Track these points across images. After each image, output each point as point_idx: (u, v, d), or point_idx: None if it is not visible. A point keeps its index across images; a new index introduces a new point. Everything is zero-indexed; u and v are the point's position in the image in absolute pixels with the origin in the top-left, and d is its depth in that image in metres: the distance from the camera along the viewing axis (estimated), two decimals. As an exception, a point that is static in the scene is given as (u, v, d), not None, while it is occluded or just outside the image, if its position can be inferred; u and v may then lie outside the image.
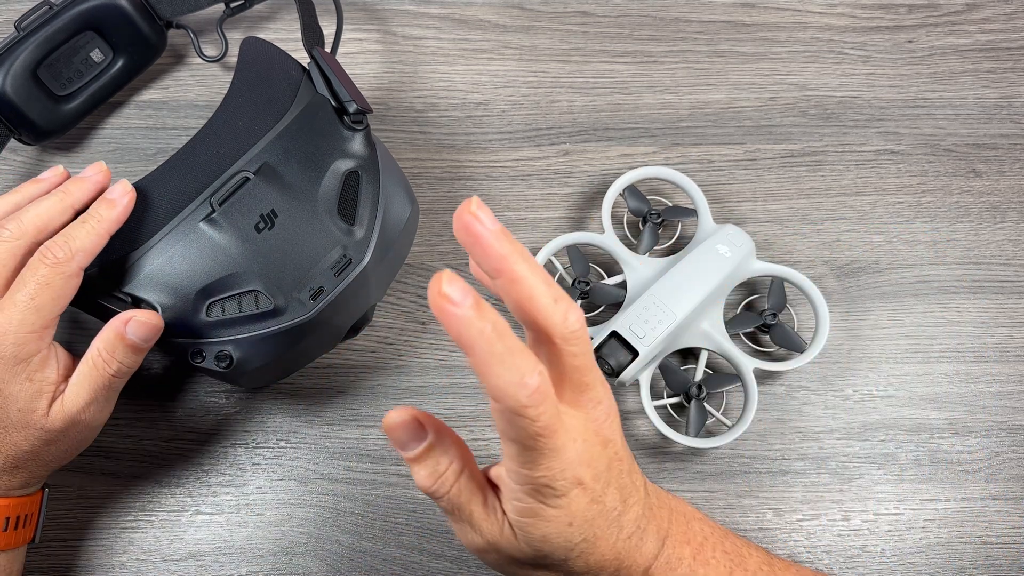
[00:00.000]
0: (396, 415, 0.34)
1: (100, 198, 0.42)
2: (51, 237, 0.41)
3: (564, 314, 0.31)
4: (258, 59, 0.47)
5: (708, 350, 0.52)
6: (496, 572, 0.38)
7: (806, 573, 0.43)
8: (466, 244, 0.30)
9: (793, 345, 0.52)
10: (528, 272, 0.30)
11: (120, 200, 0.41)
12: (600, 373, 0.35)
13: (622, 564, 0.37)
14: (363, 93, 0.58)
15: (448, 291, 0.27)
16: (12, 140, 0.54)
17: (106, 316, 0.44)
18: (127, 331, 0.41)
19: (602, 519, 0.35)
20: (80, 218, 0.41)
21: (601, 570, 0.37)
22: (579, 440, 0.33)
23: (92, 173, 0.43)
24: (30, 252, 0.41)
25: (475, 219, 0.30)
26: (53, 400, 0.41)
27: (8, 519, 0.42)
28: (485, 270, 0.31)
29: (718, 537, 0.41)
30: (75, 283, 0.41)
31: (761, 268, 0.53)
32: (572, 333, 0.31)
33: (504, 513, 0.35)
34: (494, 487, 0.36)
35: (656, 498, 0.40)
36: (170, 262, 0.42)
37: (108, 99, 0.58)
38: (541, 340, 0.32)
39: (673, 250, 0.56)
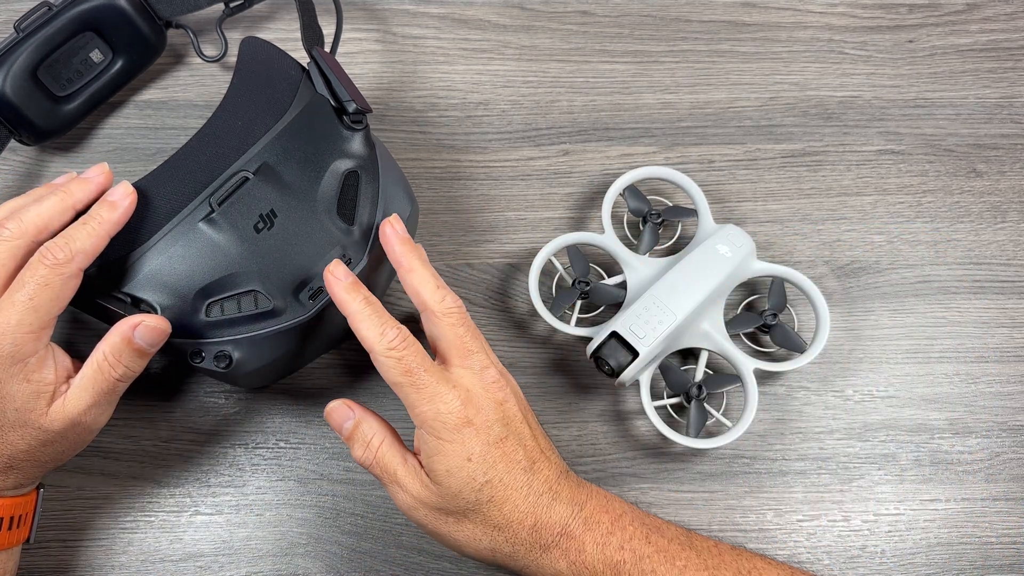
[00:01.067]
0: (333, 403, 0.45)
1: (101, 199, 0.41)
2: (51, 237, 0.41)
3: (442, 296, 0.43)
4: (258, 59, 0.47)
5: (708, 350, 0.52)
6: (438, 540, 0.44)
7: (725, 548, 0.44)
8: (384, 246, 0.44)
9: (793, 345, 0.52)
10: (420, 267, 0.43)
11: (121, 202, 0.41)
12: (486, 349, 0.43)
13: (538, 520, 0.42)
14: (363, 93, 0.58)
15: (335, 270, 0.42)
16: (12, 141, 0.54)
17: (105, 315, 0.44)
18: (135, 336, 0.42)
19: (504, 464, 0.41)
20: (81, 219, 0.41)
21: (519, 525, 0.42)
22: (463, 388, 0.41)
23: (94, 174, 0.43)
24: (30, 252, 0.41)
25: (391, 228, 0.44)
26: (52, 400, 0.41)
27: (1, 519, 0.42)
28: (393, 263, 0.44)
29: (637, 513, 0.44)
30: (74, 284, 0.40)
31: (761, 268, 0.53)
32: (448, 309, 0.42)
33: (421, 467, 0.42)
34: (415, 456, 0.43)
35: (578, 481, 0.44)
36: (169, 262, 0.42)
37: (108, 99, 0.58)
38: (427, 318, 0.43)
39: (673, 250, 0.56)
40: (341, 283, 0.42)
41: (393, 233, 0.43)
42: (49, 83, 0.54)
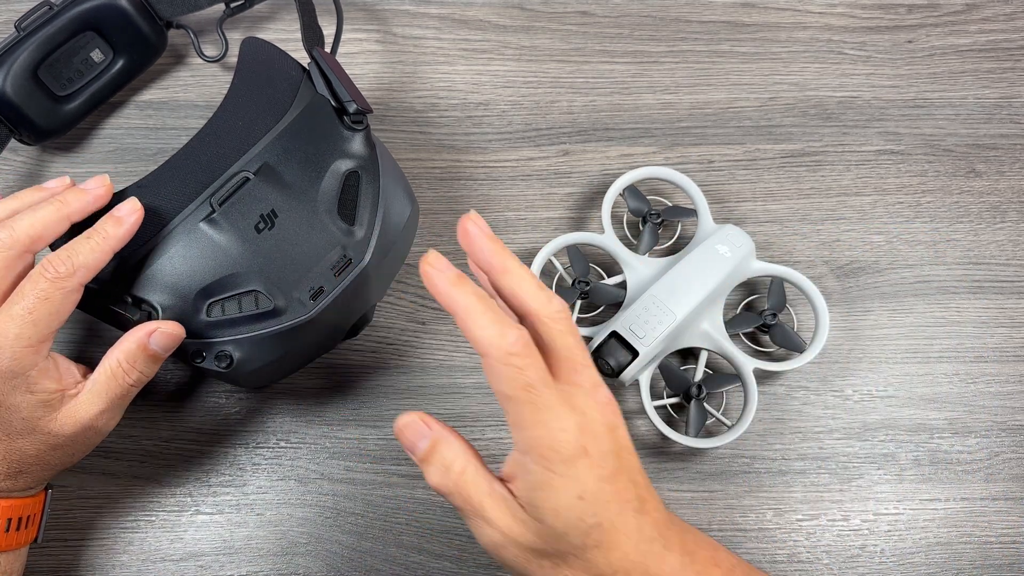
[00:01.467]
0: (404, 418, 0.38)
1: (108, 214, 0.41)
2: (45, 247, 0.41)
3: (548, 298, 0.36)
4: (258, 59, 0.47)
5: (708, 350, 0.52)
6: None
7: None
8: (466, 246, 0.37)
9: (793, 345, 0.52)
10: (516, 266, 0.37)
11: (128, 218, 0.41)
12: (594, 367, 0.37)
13: (648, 572, 0.36)
14: (363, 93, 0.58)
15: (435, 261, 0.35)
16: (12, 140, 0.54)
17: (105, 315, 0.44)
18: (151, 342, 0.41)
19: (616, 505, 0.36)
20: (85, 233, 0.40)
21: (625, 575, 0.36)
22: (578, 411, 0.35)
23: (94, 186, 0.42)
24: (24, 261, 0.40)
25: (474, 224, 0.37)
26: (59, 407, 0.41)
27: (10, 520, 0.42)
28: (482, 266, 0.37)
29: (745, 568, 0.40)
30: (75, 299, 0.40)
31: (761, 268, 0.53)
32: (557, 312, 0.36)
33: (516, 498, 0.36)
34: (504, 483, 0.37)
35: (683, 524, 0.39)
36: (170, 262, 0.42)
37: (108, 99, 0.58)
38: (531, 324, 0.36)
39: (673, 250, 0.56)
40: (444, 275, 0.35)
41: (478, 231, 0.37)
42: (50, 82, 0.54)
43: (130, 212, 0.41)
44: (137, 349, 0.42)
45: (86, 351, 0.52)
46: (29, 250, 0.40)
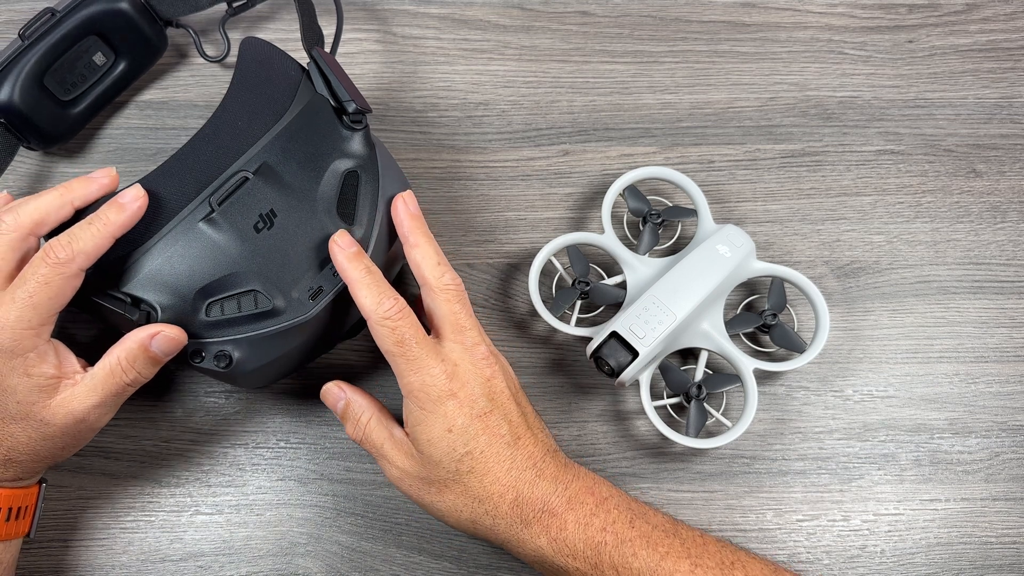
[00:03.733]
0: (326, 385, 0.48)
1: (111, 200, 0.41)
2: (48, 231, 0.42)
3: (442, 272, 0.44)
4: (257, 59, 0.47)
5: (708, 350, 0.52)
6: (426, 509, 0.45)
7: (710, 539, 0.45)
8: (393, 218, 0.46)
9: (793, 345, 0.52)
10: (426, 242, 0.45)
11: (130, 205, 0.41)
12: (479, 328, 0.45)
13: (520, 495, 0.43)
14: (363, 93, 0.58)
15: (338, 239, 0.43)
16: (20, 148, 0.55)
17: (105, 315, 0.44)
18: (152, 344, 0.42)
19: (486, 437, 0.43)
20: (87, 219, 0.41)
21: (500, 498, 0.43)
22: (450, 361, 0.43)
23: (99, 175, 0.43)
24: (28, 244, 0.41)
25: (403, 202, 0.46)
26: (54, 394, 0.42)
27: (10, 509, 0.43)
28: (400, 238, 0.45)
29: (623, 497, 0.45)
30: (75, 283, 0.41)
31: (761, 268, 0.53)
32: (446, 285, 0.44)
33: (411, 440, 0.44)
34: (402, 428, 0.45)
35: (565, 461, 0.45)
36: (169, 262, 0.42)
37: (112, 101, 0.58)
38: (426, 293, 0.45)
39: (673, 250, 0.56)
40: (344, 251, 0.43)
41: (404, 208, 0.45)
42: (55, 89, 0.54)
43: (133, 199, 0.41)
44: (138, 350, 0.42)
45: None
46: (33, 233, 0.41)
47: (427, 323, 0.45)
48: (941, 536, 0.51)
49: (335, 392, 0.47)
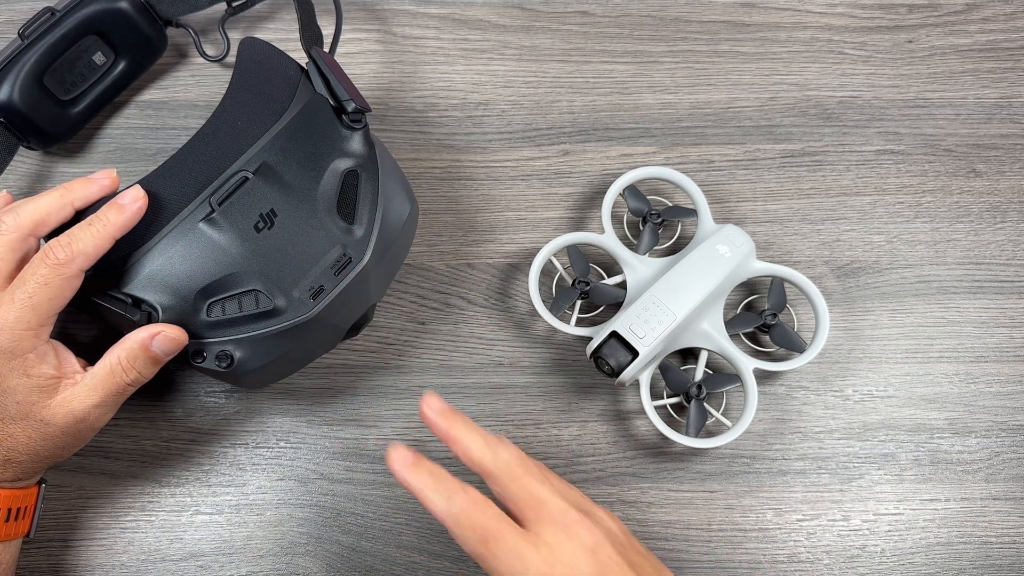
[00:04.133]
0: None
1: (111, 201, 0.41)
2: (48, 231, 0.42)
3: (493, 453, 0.39)
4: (256, 59, 0.47)
5: (708, 350, 0.52)
6: None
7: None
8: (426, 423, 0.40)
9: (793, 345, 0.52)
10: (461, 432, 0.39)
11: (130, 206, 0.41)
12: (558, 487, 0.40)
13: None
14: (363, 93, 0.58)
15: (393, 454, 0.38)
16: (20, 147, 0.54)
17: (106, 316, 0.44)
18: (153, 344, 0.42)
19: None
20: (87, 220, 0.41)
21: None
22: (546, 546, 0.37)
23: (100, 177, 0.43)
24: (28, 245, 0.41)
25: (428, 408, 0.40)
26: (53, 394, 0.42)
27: (9, 510, 0.43)
28: (440, 439, 0.40)
29: None
30: (74, 284, 0.41)
31: (761, 268, 0.53)
32: (504, 463, 0.39)
33: None
34: None
35: None
36: (170, 262, 0.42)
37: (112, 101, 0.58)
38: (488, 479, 0.39)
39: (673, 250, 0.56)
40: (400, 462, 0.39)
41: (430, 411, 0.40)
42: (54, 88, 0.54)
43: (133, 200, 0.41)
44: (139, 349, 0.42)
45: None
46: (33, 234, 0.41)
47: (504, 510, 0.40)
48: (941, 536, 0.51)
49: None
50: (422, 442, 0.52)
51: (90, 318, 0.45)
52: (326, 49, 0.54)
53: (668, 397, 0.52)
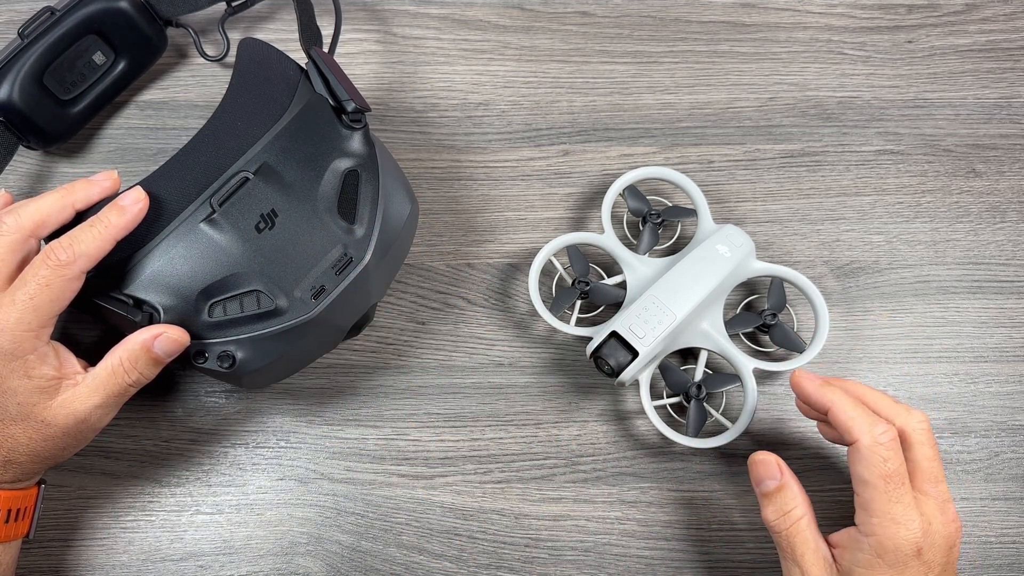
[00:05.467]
0: (760, 454, 0.44)
1: (112, 203, 0.41)
2: (49, 233, 0.42)
3: (907, 410, 0.42)
4: (256, 60, 0.47)
5: (708, 350, 0.52)
6: None
7: None
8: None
9: (793, 345, 0.52)
10: (865, 390, 0.43)
11: (131, 207, 0.41)
12: (946, 483, 0.42)
13: None
14: (363, 93, 0.58)
15: (803, 375, 0.44)
16: (20, 147, 0.54)
17: (107, 317, 0.44)
18: (155, 345, 0.42)
19: None
20: (88, 221, 0.41)
21: None
22: (926, 517, 0.40)
23: (101, 178, 0.43)
24: (29, 246, 0.41)
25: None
26: (54, 395, 0.42)
27: (9, 511, 0.43)
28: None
29: None
30: (75, 286, 0.41)
31: (761, 268, 0.53)
32: (919, 423, 0.41)
33: (836, 563, 0.41)
34: (829, 545, 0.42)
35: None
36: (171, 263, 0.42)
37: (111, 101, 0.58)
38: (903, 441, 0.41)
39: (673, 250, 0.56)
40: (812, 381, 0.43)
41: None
42: (54, 88, 0.54)
43: (134, 202, 0.41)
44: (140, 350, 0.42)
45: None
46: (34, 235, 0.41)
47: None
48: (941, 536, 0.51)
49: (770, 469, 0.44)
50: (422, 441, 0.52)
51: (91, 319, 0.45)
52: (325, 49, 0.54)
53: (668, 397, 0.52)
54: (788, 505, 0.43)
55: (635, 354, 0.49)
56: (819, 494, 0.52)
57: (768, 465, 0.44)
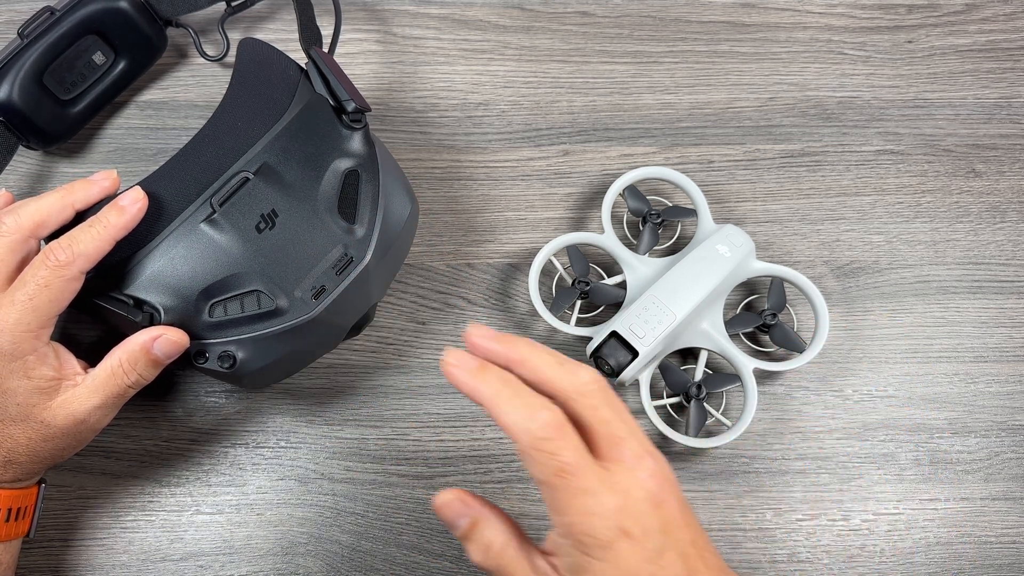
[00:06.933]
0: (443, 496, 0.38)
1: (111, 203, 0.41)
2: (48, 233, 0.42)
3: (573, 371, 0.35)
4: (256, 60, 0.47)
5: (708, 350, 0.52)
6: None
7: None
8: (480, 355, 0.36)
9: (793, 345, 0.52)
10: (530, 351, 0.36)
11: (130, 207, 0.41)
12: (636, 435, 0.36)
13: None
14: (363, 93, 0.58)
15: (448, 359, 0.35)
16: (20, 147, 0.54)
17: (107, 318, 0.44)
18: (154, 347, 0.42)
19: None
20: (87, 221, 0.41)
21: None
22: (619, 490, 0.34)
23: (100, 178, 0.43)
24: (28, 247, 0.41)
25: (477, 336, 0.36)
26: (54, 396, 0.42)
27: (10, 510, 0.43)
28: (501, 366, 0.36)
29: None
30: (75, 286, 0.41)
31: (761, 268, 0.53)
32: (585, 385, 0.35)
33: (557, 573, 0.35)
34: (546, 555, 0.36)
35: None
36: (172, 263, 0.42)
37: (111, 101, 0.58)
38: (562, 404, 0.35)
39: (673, 250, 0.56)
40: (464, 368, 0.35)
41: (483, 339, 0.36)
42: (54, 88, 0.54)
43: (133, 202, 0.41)
44: (140, 352, 0.42)
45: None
46: (33, 235, 0.41)
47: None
48: (941, 536, 0.51)
49: (457, 508, 0.38)
50: (422, 441, 0.52)
51: (91, 319, 0.45)
52: (325, 49, 0.54)
53: (668, 397, 0.52)
54: (487, 538, 0.37)
55: (635, 354, 0.49)
56: (820, 493, 0.52)
57: (452, 505, 0.38)
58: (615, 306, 0.53)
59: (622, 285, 0.53)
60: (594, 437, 0.35)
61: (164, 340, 0.42)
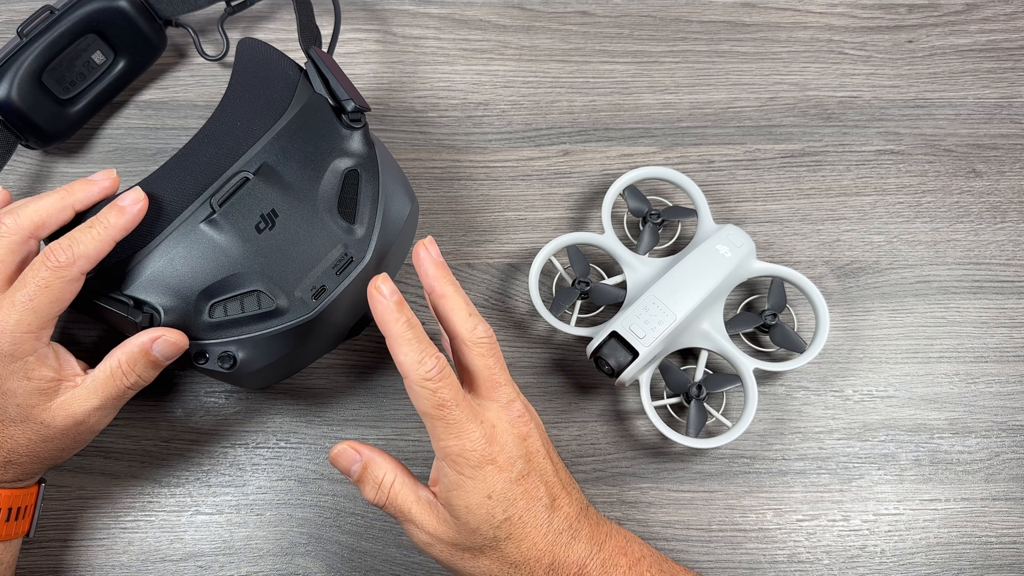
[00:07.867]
0: (336, 447, 0.44)
1: (111, 204, 0.41)
2: (48, 234, 0.42)
3: (473, 324, 0.41)
4: (255, 60, 0.47)
5: (708, 350, 0.52)
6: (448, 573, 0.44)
7: None
8: (416, 267, 0.42)
9: (793, 345, 0.52)
10: (453, 292, 0.42)
11: (131, 208, 0.41)
12: (512, 384, 0.42)
13: (556, 560, 0.41)
14: (363, 93, 0.58)
15: (381, 286, 0.39)
16: (18, 146, 0.54)
17: (108, 318, 0.44)
18: (153, 348, 0.42)
19: (524, 502, 0.41)
20: (87, 222, 0.41)
21: (536, 563, 0.41)
22: (488, 423, 0.40)
23: (100, 178, 0.43)
24: (28, 247, 0.41)
25: (425, 250, 0.42)
26: (53, 396, 0.42)
27: (10, 510, 0.43)
28: (425, 288, 0.42)
29: (656, 558, 0.44)
30: (75, 287, 0.41)
31: (761, 268, 0.53)
32: (479, 339, 0.41)
33: (437, 500, 0.42)
34: (429, 489, 0.43)
35: (597, 518, 0.44)
36: (172, 264, 0.42)
37: (111, 100, 0.58)
38: (457, 345, 0.42)
39: (673, 250, 0.56)
40: (385, 301, 0.39)
41: (427, 255, 0.42)
42: (53, 87, 0.54)
43: (133, 202, 0.41)
44: (139, 353, 0.42)
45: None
46: (33, 236, 0.41)
47: (458, 374, 0.43)
48: (941, 536, 0.51)
49: (349, 455, 0.43)
50: (422, 441, 0.52)
51: (91, 320, 0.45)
52: (324, 49, 0.54)
53: (668, 397, 0.52)
54: (378, 476, 0.43)
55: (635, 354, 0.49)
56: (820, 494, 0.52)
57: (345, 453, 0.43)
58: (615, 306, 0.53)
59: (622, 285, 0.53)
60: (477, 380, 0.42)
61: (163, 341, 0.42)
